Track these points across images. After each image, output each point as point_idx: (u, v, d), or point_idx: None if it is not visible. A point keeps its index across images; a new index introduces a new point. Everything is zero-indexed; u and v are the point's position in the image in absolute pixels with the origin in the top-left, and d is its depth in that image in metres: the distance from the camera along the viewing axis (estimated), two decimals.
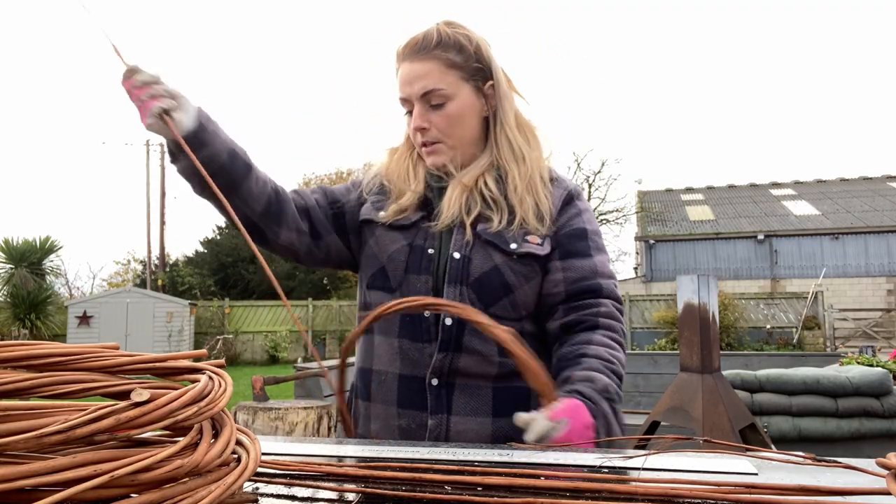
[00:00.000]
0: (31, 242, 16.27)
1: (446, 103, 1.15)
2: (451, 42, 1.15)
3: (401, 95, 1.18)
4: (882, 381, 3.95)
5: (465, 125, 1.18)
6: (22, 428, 0.42)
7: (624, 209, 23.52)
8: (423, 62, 1.14)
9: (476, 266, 1.14)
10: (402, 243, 1.18)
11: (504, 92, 1.20)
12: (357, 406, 1.22)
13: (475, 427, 1.10)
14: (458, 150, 1.19)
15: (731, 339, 15.03)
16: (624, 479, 0.64)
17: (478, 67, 1.18)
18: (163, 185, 23.97)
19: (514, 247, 1.14)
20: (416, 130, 1.18)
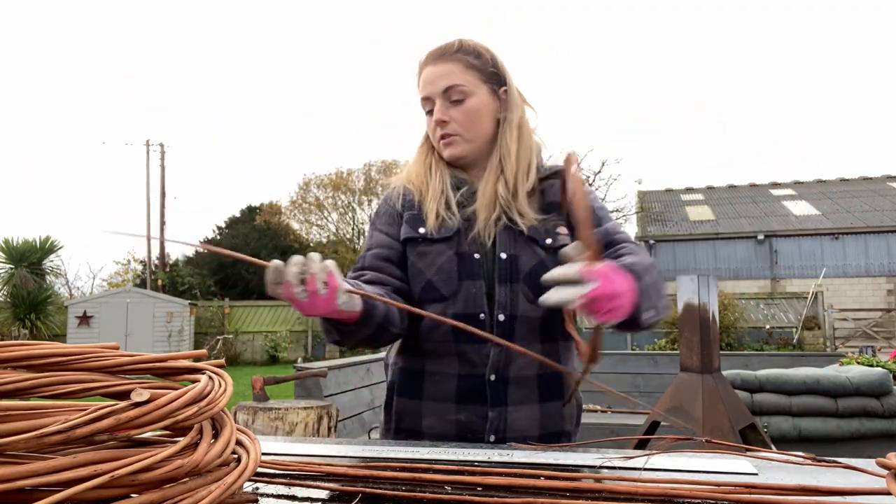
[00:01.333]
0: (31, 242, 16.27)
1: (466, 99, 1.24)
2: (471, 49, 1.27)
3: (423, 95, 1.27)
4: (882, 381, 3.94)
5: (481, 122, 1.26)
6: (22, 428, 0.42)
7: (624, 209, 23.51)
8: (445, 63, 1.25)
9: (524, 263, 1.21)
10: (449, 253, 1.23)
11: (514, 99, 1.29)
12: (400, 403, 1.26)
13: (527, 414, 1.18)
14: (473, 145, 1.27)
15: (731, 339, 15.02)
16: (624, 479, 0.64)
17: (494, 72, 1.27)
18: (163, 185, 23.97)
19: (550, 241, 1.22)
20: (437, 123, 1.25)
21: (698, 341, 2.95)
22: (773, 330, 15.48)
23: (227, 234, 24.62)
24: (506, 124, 1.28)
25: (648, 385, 5.63)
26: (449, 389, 1.20)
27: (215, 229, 26.06)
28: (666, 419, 3.08)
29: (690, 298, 2.99)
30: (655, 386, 5.50)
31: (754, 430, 3.04)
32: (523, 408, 1.19)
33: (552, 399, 1.21)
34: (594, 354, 0.98)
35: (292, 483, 0.67)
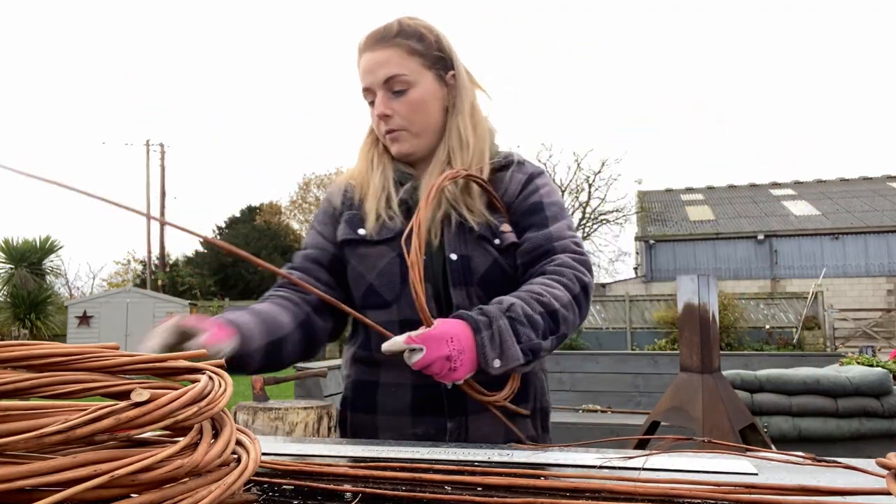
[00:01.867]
0: (31, 242, 16.26)
1: (409, 90, 1.15)
2: (412, 31, 1.16)
3: (363, 85, 1.17)
4: (882, 381, 3.94)
5: (428, 112, 1.17)
6: (22, 428, 0.42)
7: (624, 209, 23.53)
8: (384, 50, 1.14)
9: (477, 264, 1.13)
10: (391, 255, 1.14)
11: (463, 83, 1.20)
12: (354, 419, 1.20)
13: (490, 422, 1.11)
14: (422, 139, 1.18)
15: (731, 339, 15.02)
16: (624, 479, 0.64)
17: (439, 56, 1.17)
18: (163, 185, 23.97)
19: (498, 242, 1.14)
20: (379, 118, 1.16)
21: (698, 341, 2.95)
22: (773, 330, 15.48)
23: (227, 234, 24.62)
24: (455, 112, 1.18)
25: (648, 385, 5.62)
26: (404, 401, 1.13)
27: (215, 229, 26.06)
28: (666, 419, 3.08)
29: (690, 298, 2.99)
30: (655, 386, 5.50)
31: (754, 430, 3.04)
32: (485, 416, 1.11)
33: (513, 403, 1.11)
34: (426, 318, 0.95)
35: (292, 483, 0.67)
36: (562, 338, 1.04)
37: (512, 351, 0.96)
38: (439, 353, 0.91)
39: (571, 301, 1.04)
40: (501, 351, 0.95)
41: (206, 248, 24.05)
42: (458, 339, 0.93)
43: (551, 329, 1.01)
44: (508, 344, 0.96)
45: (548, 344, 1.01)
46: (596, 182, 23.31)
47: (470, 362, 0.93)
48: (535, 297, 1.01)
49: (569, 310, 1.03)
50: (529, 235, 1.14)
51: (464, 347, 0.93)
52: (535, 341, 0.98)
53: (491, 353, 0.94)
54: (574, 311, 1.05)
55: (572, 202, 23.67)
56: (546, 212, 1.16)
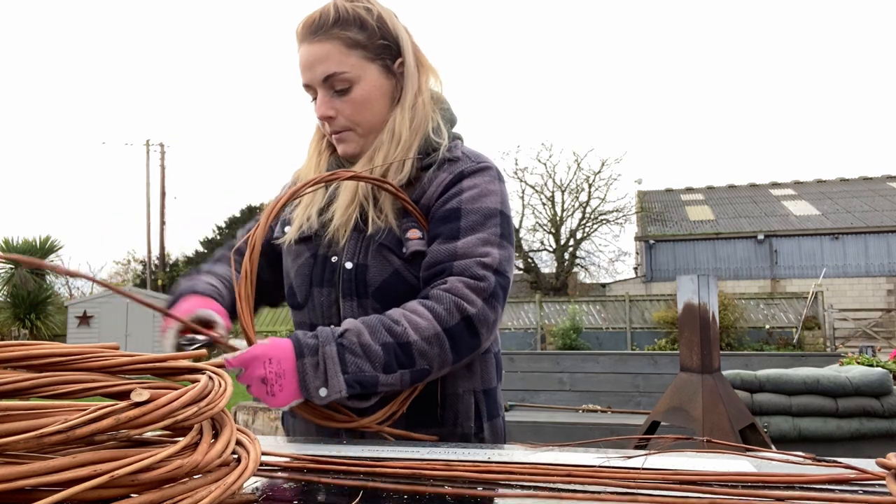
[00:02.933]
0: (31, 242, 16.27)
1: (351, 87, 1.05)
2: (351, 18, 1.04)
3: (303, 82, 1.08)
4: (882, 381, 3.94)
5: (374, 110, 1.07)
6: (22, 428, 0.42)
7: (624, 209, 23.53)
8: (321, 43, 1.04)
9: (374, 274, 1.04)
10: (306, 255, 1.10)
11: (410, 72, 1.09)
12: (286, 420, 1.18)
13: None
14: (369, 137, 1.09)
15: (731, 339, 15.02)
16: (624, 479, 0.64)
17: (384, 45, 1.07)
18: (163, 185, 23.97)
19: (404, 251, 1.04)
20: (322, 119, 1.09)
21: (698, 341, 2.95)
22: (773, 330, 15.48)
23: (227, 234, 24.60)
24: (398, 106, 1.08)
25: (648, 385, 5.62)
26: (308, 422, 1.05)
27: (215, 229, 26.05)
28: (666, 419, 3.08)
29: (690, 298, 2.99)
30: (655, 386, 5.50)
31: (754, 430, 3.04)
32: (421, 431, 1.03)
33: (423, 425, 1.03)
34: (250, 337, 0.94)
35: (292, 483, 0.67)
36: (421, 373, 0.94)
37: (335, 381, 0.89)
38: (255, 374, 0.88)
39: (439, 334, 0.94)
40: (325, 379, 0.89)
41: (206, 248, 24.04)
42: (278, 361, 0.89)
43: (400, 362, 0.92)
44: (332, 373, 0.89)
45: (392, 378, 0.92)
46: (596, 182, 23.33)
47: (291, 388, 0.89)
48: (387, 324, 0.93)
49: (431, 344, 0.93)
50: (433, 248, 1.03)
51: (284, 370, 0.89)
52: (368, 374, 0.90)
53: (314, 380, 0.89)
54: (441, 346, 0.94)
55: (572, 202, 23.69)
56: (461, 221, 1.02)
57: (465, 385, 1.07)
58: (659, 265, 21.78)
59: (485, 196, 1.05)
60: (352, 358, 0.90)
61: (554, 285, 22.85)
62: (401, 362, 0.92)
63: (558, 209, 23.60)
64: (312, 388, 0.89)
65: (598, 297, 18.80)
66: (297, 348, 0.90)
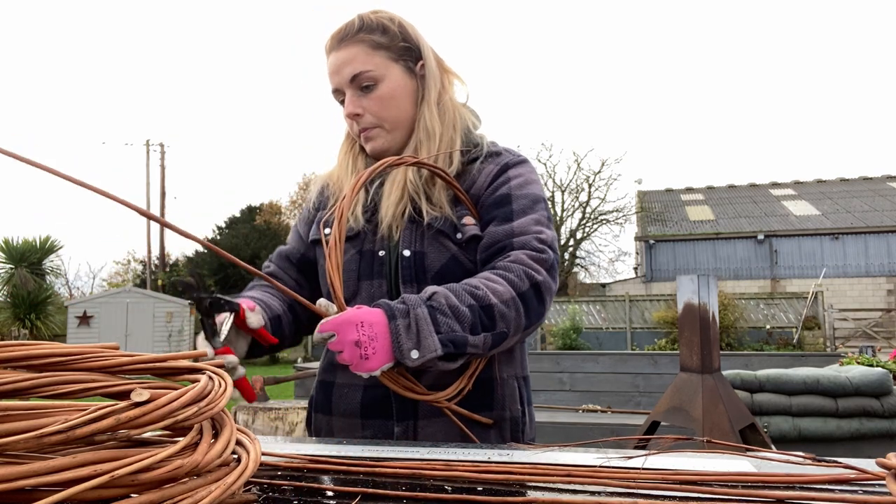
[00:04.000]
0: (31, 242, 16.26)
1: (377, 85, 1.12)
2: (374, 25, 1.13)
3: (332, 87, 1.15)
4: (882, 381, 3.94)
5: (399, 107, 1.14)
6: (22, 428, 0.42)
7: (624, 209, 23.54)
8: (347, 48, 1.12)
9: (432, 260, 1.09)
10: (352, 251, 1.13)
11: (432, 72, 1.16)
12: (316, 420, 1.19)
13: (442, 427, 1.06)
14: (396, 134, 1.15)
15: (731, 339, 15.02)
16: (623, 478, 0.64)
17: (405, 47, 1.14)
18: (163, 185, 23.97)
19: (459, 236, 1.09)
20: (349, 117, 1.14)
21: (698, 341, 2.95)
22: (773, 330, 15.48)
23: (227, 234, 24.60)
24: (423, 103, 1.15)
25: (648, 385, 5.63)
26: (355, 403, 1.11)
27: (215, 229, 26.04)
28: (666, 419, 3.08)
29: (690, 298, 2.99)
30: (655, 386, 5.50)
31: (754, 430, 3.04)
32: (437, 421, 1.06)
33: (474, 408, 1.06)
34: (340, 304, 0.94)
35: (292, 483, 0.68)
36: (500, 336, 0.97)
37: (429, 341, 0.90)
38: (349, 338, 0.89)
39: (515, 298, 0.98)
40: (418, 340, 0.90)
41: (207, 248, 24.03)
42: (371, 324, 0.90)
43: (483, 324, 0.95)
44: (425, 333, 0.90)
45: (477, 340, 0.94)
46: (596, 182, 23.35)
47: (384, 351, 0.89)
48: (468, 289, 0.96)
49: (510, 307, 0.97)
50: (490, 229, 1.09)
51: (376, 334, 0.89)
52: (459, 334, 0.92)
53: (406, 342, 0.90)
54: (517, 310, 0.98)
55: (572, 202, 23.70)
56: (513, 205, 1.09)
57: (508, 371, 1.13)
58: (659, 265, 21.77)
59: (530, 184, 1.14)
60: (443, 318, 0.92)
61: None
62: (484, 325, 0.95)
63: (558, 209, 23.62)
64: (406, 349, 0.90)
65: (598, 297, 18.80)
66: (388, 311, 0.92)
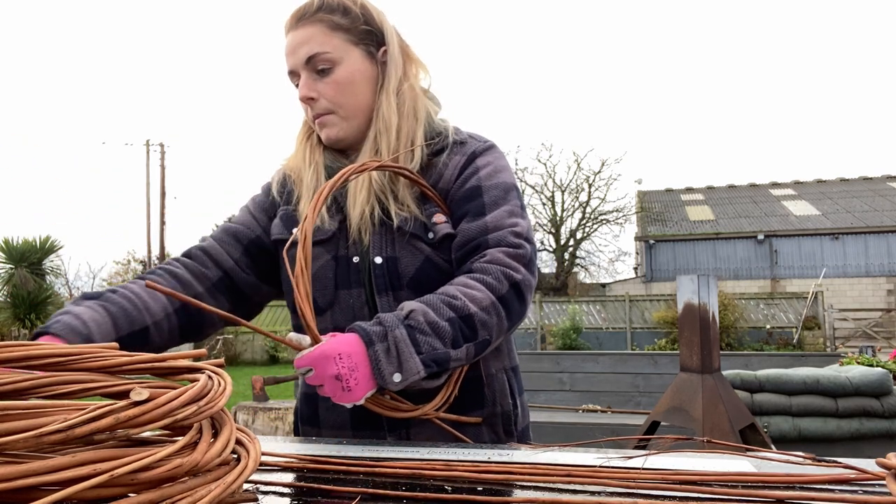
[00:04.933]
0: (31, 242, 16.25)
1: (333, 68, 1.06)
2: (335, 5, 1.07)
3: (287, 68, 1.09)
4: (882, 381, 3.94)
5: (356, 92, 1.07)
6: (22, 427, 0.42)
7: (624, 209, 23.54)
8: (304, 28, 1.06)
9: (406, 265, 1.04)
10: (326, 257, 1.07)
11: (394, 59, 1.09)
12: (304, 432, 1.15)
13: (435, 432, 1.03)
14: (353, 122, 1.09)
15: (731, 339, 15.02)
16: (623, 478, 0.64)
17: (367, 30, 1.08)
18: (163, 185, 23.97)
19: (431, 236, 1.04)
20: (303, 101, 1.08)
21: (698, 341, 2.95)
22: (773, 330, 15.48)
23: None
24: (382, 92, 1.08)
25: (648, 385, 5.62)
26: (344, 416, 1.06)
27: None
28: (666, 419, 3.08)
29: (690, 298, 2.99)
30: (655, 386, 5.50)
31: (754, 430, 3.04)
32: (428, 426, 1.02)
33: (467, 408, 1.04)
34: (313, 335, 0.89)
35: (292, 483, 0.67)
36: (483, 344, 0.95)
37: (411, 363, 0.87)
38: (328, 373, 0.85)
39: (495, 303, 0.95)
40: (399, 363, 0.87)
41: None
42: (349, 355, 0.86)
43: (465, 335, 0.92)
44: (406, 356, 0.87)
45: (460, 353, 0.91)
46: (596, 182, 23.34)
47: (366, 379, 0.86)
48: (446, 300, 0.93)
49: (490, 314, 0.94)
50: (463, 226, 1.04)
51: (356, 364, 0.86)
52: (441, 351, 0.89)
53: (387, 366, 0.87)
54: (498, 315, 0.95)
55: (572, 202, 23.70)
56: (484, 197, 1.04)
57: (496, 364, 1.10)
58: (659, 265, 21.77)
59: (499, 172, 1.08)
60: (423, 337, 0.89)
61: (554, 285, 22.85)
62: (465, 335, 0.92)
63: (558, 209, 23.63)
64: (388, 374, 0.87)
65: (598, 297, 18.80)
66: (365, 337, 0.88)
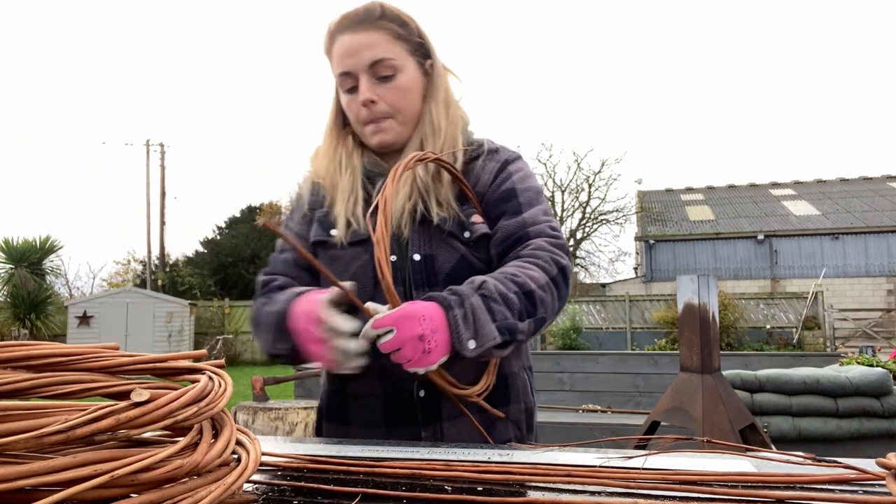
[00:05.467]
0: (31, 242, 16.25)
1: (395, 75, 1.09)
2: (395, 15, 1.10)
3: (342, 70, 1.09)
4: (882, 381, 3.94)
5: (412, 99, 1.12)
6: (22, 428, 0.42)
7: (624, 209, 23.54)
8: (367, 32, 1.07)
9: (442, 263, 1.07)
10: (364, 258, 1.09)
11: (439, 70, 1.15)
12: (329, 430, 1.15)
13: (467, 427, 1.05)
14: (405, 127, 1.12)
15: (731, 339, 15.02)
16: (624, 478, 0.64)
17: (419, 43, 1.13)
18: (163, 185, 23.96)
19: (468, 235, 1.08)
20: (363, 104, 1.09)
21: (698, 341, 2.95)
22: (773, 330, 15.47)
23: (227, 234, 24.59)
24: (431, 99, 1.13)
25: (648, 385, 5.62)
26: (377, 413, 1.08)
27: (215, 229, 26.04)
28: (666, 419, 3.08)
29: (690, 298, 2.99)
30: (655, 386, 5.50)
31: (754, 430, 3.04)
32: (462, 421, 1.05)
33: (494, 405, 1.07)
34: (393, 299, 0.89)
35: (292, 483, 0.67)
36: (540, 322, 0.97)
37: (487, 329, 0.89)
38: (412, 333, 0.85)
39: (549, 283, 0.98)
40: (476, 330, 0.88)
41: (206, 248, 24.05)
42: (430, 318, 0.87)
43: (528, 311, 0.95)
44: (483, 322, 0.89)
45: (525, 326, 0.94)
46: (596, 182, 23.35)
47: (444, 343, 0.87)
48: (509, 277, 0.95)
49: (546, 292, 0.97)
50: (502, 223, 1.08)
51: (436, 326, 0.87)
52: (511, 321, 0.92)
53: (465, 332, 0.88)
54: (552, 294, 0.99)
55: (572, 202, 23.70)
56: (519, 198, 1.10)
57: (517, 363, 1.15)
58: (659, 265, 21.77)
59: (529, 177, 1.15)
60: (496, 307, 0.91)
61: None
62: (528, 311, 0.95)
63: (558, 209, 23.62)
64: (465, 339, 0.88)
65: (598, 297, 18.80)
66: (444, 302, 0.89)
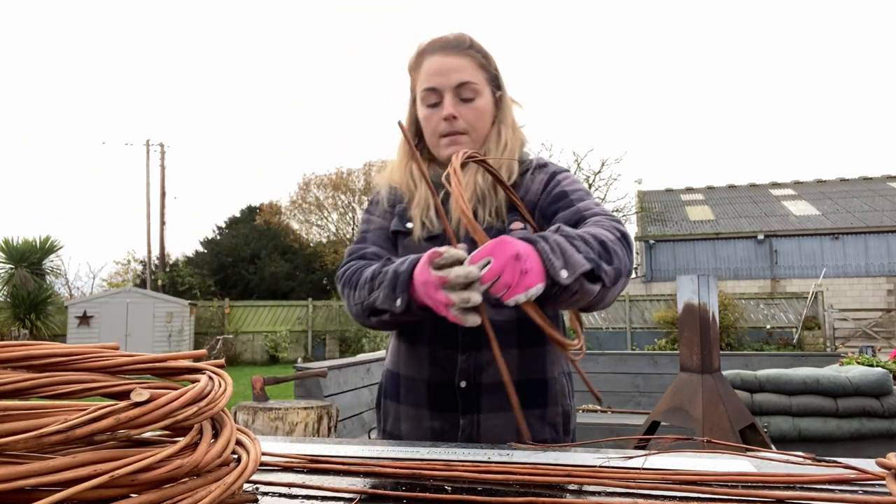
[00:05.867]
0: (31, 242, 16.25)
1: (476, 98, 1.22)
2: (480, 48, 1.25)
3: (429, 85, 1.22)
4: (882, 381, 3.94)
5: (486, 122, 1.25)
6: (22, 428, 0.42)
7: (624, 209, 23.52)
8: (458, 57, 1.22)
9: None
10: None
11: (506, 101, 1.29)
12: (386, 405, 1.27)
13: (503, 422, 1.13)
14: (476, 145, 1.24)
15: (731, 339, 15.03)
16: (624, 478, 0.64)
17: (495, 76, 1.27)
18: (163, 185, 23.96)
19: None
20: (446, 119, 1.21)
21: (698, 341, 2.95)
22: (773, 330, 15.48)
23: (227, 234, 24.59)
24: (500, 123, 1.27)
25: (648, 385, 5.62)
26: (422, 396, 1.19)
27: (215, 229, 26.03)
28: (666, 419, 3.08)
29: (690, 298, 2.99)
30: (655, 386, 5.50)
31: (754, 430, 3.04)
32: (498, 415, 1.14)
33: (531, 406, 1.16)
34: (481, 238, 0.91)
35: (292, 483, 0.68)
36: (617, 272, 0.98)
37: (576, 258, 0.90)
38: (508, 253, 0.86)
39: (618, 239, 1.02)
40: (565, 260, 0.89)
41: (206, 248, 24.05)
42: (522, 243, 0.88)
43: (605, 257, 0.96)
44: (570, 252, 0.90)
45: (607, 268, 0.95)
46: (596, 182, 23.30)
47: (538, 268, 0.87)
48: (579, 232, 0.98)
49: (617, 246, 1.00)
50: (559, 216, 1.15)
51: (529, 251, 0.88)
52: (594, 255, 0.94)
53: (556, 260, 0.89)
54: (623, 250, 1.01)
55: None
56: (571, 196, 1.18)
57: (557, 369, 1.22)
58: (659, 265, 21.77)
59: (577, 182, 1.25)
60: (578, 242, 0.94)
61: None
62: (605, 258, 0.97)
63: None
64: (557, 266, 0.88)
65: None
66: (528, 238, 0.91)
